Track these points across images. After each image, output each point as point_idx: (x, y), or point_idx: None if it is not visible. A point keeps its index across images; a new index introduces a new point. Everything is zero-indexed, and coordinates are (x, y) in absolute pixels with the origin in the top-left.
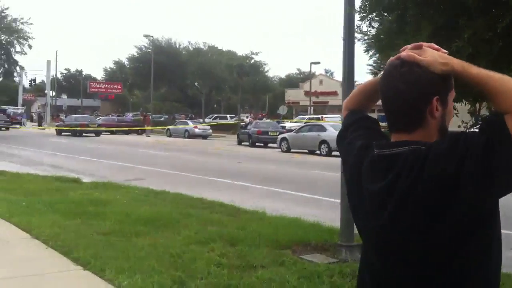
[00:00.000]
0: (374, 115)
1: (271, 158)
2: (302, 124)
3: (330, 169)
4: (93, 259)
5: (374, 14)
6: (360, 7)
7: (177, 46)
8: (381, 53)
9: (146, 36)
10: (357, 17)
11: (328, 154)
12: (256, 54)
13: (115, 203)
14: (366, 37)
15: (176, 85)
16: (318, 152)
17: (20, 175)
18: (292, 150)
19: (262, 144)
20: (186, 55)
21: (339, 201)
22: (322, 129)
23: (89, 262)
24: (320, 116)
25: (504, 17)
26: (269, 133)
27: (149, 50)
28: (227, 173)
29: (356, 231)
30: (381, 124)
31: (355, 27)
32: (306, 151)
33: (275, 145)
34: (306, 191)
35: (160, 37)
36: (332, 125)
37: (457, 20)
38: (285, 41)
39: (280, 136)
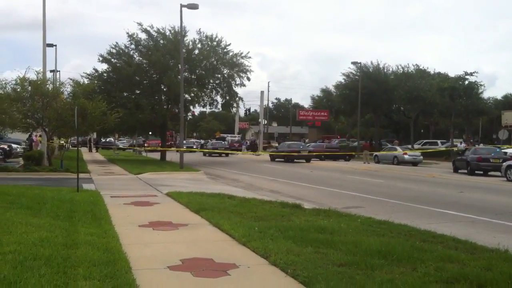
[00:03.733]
0: None
1: (496, 188)
2: None
3: None
4: None
5: None
6: None
7: (385, 71)
8: None
9: (354, 63)
10: None
11: None
12: (471, 74)
13: (341, 232)
14: None
15: (382, 110)
16: None
17: (247, 200)
18: None
19: (481, 172)
20: (394, 80)
21: None
22: None
23: None
24: None
25: None
26: (491, 160)
27: (357, 77)
28: (450, 203)
29: None
30: None
31: None
32: None
33: (497, 173)
34: None
35: (369, 63)
36: None
37: None
38: (502, 59)
39: (505, 164)
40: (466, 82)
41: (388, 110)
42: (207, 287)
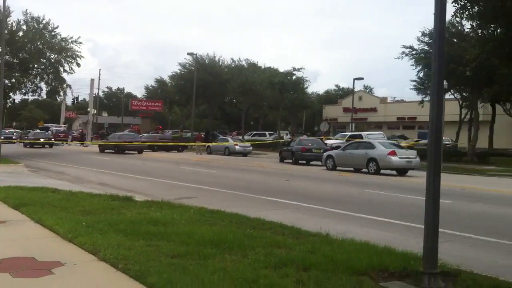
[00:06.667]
0: (414, 132)
1: (319, 176)
2: (349, 142)
3: (385, 189)
4: (169, 285)
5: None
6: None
7: (220, 64)
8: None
9: (190, 54)
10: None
11: (377, 172)
12: (298, 70)
13: (174, 223)
14: (414, 52)
15: (216, 102)
16: (365, 170)
17: (73, 193)
18: (337, 168)
19: (304, 162)
20: (228, 73)
21: (407, 224)
22: (371, 146)
23: None
24: (361, 133)
25: None
26: (313, 151)
27: (193, 68)
28: (278, 191)
29: (440, 256)
30: (421, 140)
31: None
32: (352, 169)
33: (318, 162)
34: (366, 212)
35: (204, 55)
36: (381, 142)
37: None
38: (325, 57)
39: (325, 154)
40: (294, 77)
41: (221, 102)
42: None
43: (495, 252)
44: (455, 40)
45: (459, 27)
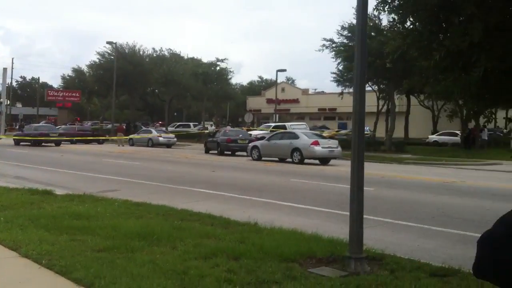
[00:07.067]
0: (335, 123)
1: (244, 166)
2: (274, 132)
3: (309, 178)
4: (97, 279)
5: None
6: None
7: (141, 53)
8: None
9: (109, 43)
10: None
11: (301, 162)
12: (222, 61)
13: (98, 217)
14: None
15: (137, 92)
16: (289, 160)
17: None
18: (262, 158)
19: (230, 152)
20: (150, 62)
21: (331, 211)
22: (295, 137)
23: (93, 283)
24: (285, 123)
25: None
26: (239, 141)
27: (112, 57)
28: (204, 182)
29: (364, 242)
30: (341, 131)
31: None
32: (277, 159)
33: (244, 153)
34: (291, 200)
35: (124, 44)
36: (305, 132)
37: None
38: (248, 48)
39: (250, 144)
40: (218, 68)
41: (143, 93)
42: None
43: (415, 235)
44: (373, 34)
45: (377, 21)
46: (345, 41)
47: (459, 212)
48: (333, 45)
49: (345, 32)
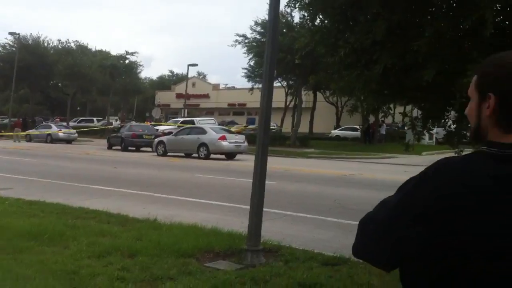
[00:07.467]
0: (244, 118)
1: (149, 162)
2: (181, 127)
3: (214, 173)
4: None
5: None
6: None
7: (45, 45)
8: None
9: (11, 33)
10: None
11: (207, 157)
12: (132, 54)
13: None
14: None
15: (39, 86)
16: (196, 155)
17: None
18: (168, 154)
19: (134, 148)
20: (54, 54)
21: (234, 205)
22: (202, 132)
23: None
24: (193, 118)
25: (469, 16)
26: (144, 137)
27: (14, 49)
28: (104, 179)
29: (263, 234)
30: (249, 126)
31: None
32: (183, 154)
33: (149, 149)
34: (195, 196)
35: (28, 35)
36: (213, 128)
37: (415, 19)
38: (161, 42)
39: (156, 140)
40: (127, 61)
41: (45, 86)
42: None
43: (312, 226)
44: (284, 31)
45: (289, 18)
46: (258, 36)
47: (355, 203)
48: (246, 41)
49: (258, 28)
